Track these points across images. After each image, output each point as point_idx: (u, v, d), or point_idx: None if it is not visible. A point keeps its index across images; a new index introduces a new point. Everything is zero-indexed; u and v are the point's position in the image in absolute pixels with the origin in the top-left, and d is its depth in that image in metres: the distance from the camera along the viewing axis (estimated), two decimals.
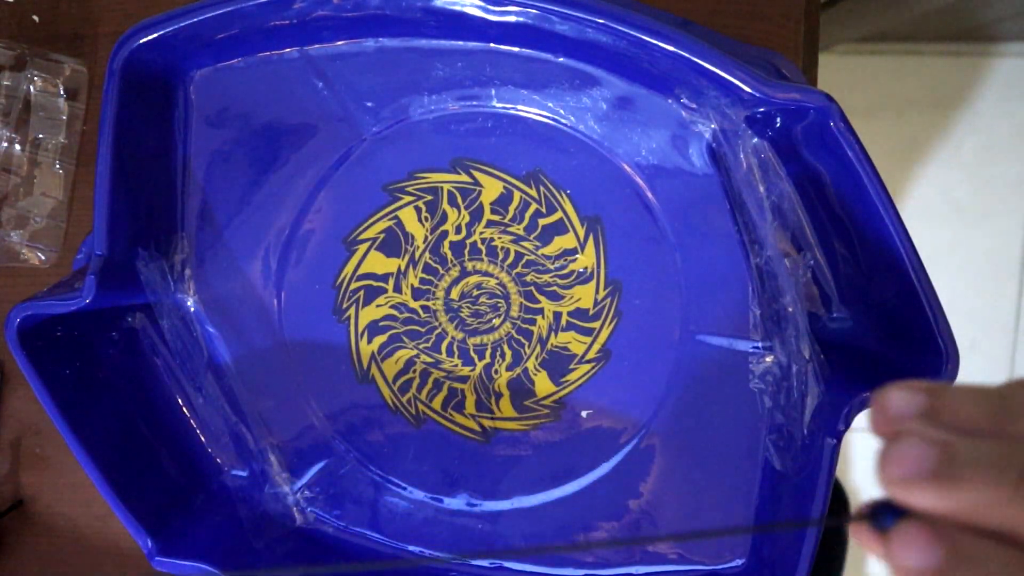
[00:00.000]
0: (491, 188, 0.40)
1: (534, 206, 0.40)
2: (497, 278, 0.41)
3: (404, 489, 0.42)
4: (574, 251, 0.40)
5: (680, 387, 0.40)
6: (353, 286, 0.41)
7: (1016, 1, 0.87)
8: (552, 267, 0.40)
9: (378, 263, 0.41)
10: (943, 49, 1.03)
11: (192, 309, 0.41)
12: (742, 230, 0.38)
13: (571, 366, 0.41)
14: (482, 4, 0.35)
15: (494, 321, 0.41)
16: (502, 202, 0.40)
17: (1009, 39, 1.02)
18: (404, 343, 0.41)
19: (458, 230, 0.41)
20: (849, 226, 0.35)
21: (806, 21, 0.41)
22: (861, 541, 0.19)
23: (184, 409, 0.42)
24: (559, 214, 0.40)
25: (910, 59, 1.04)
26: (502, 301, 0.41)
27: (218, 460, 0.42)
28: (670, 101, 0.38)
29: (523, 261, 0.40)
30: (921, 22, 0.94)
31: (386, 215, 0.41)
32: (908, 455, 0.17)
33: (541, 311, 0.41)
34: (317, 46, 0.39)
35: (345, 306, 0.41)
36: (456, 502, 0.41)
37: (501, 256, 0.40)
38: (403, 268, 0.41)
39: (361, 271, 0.41)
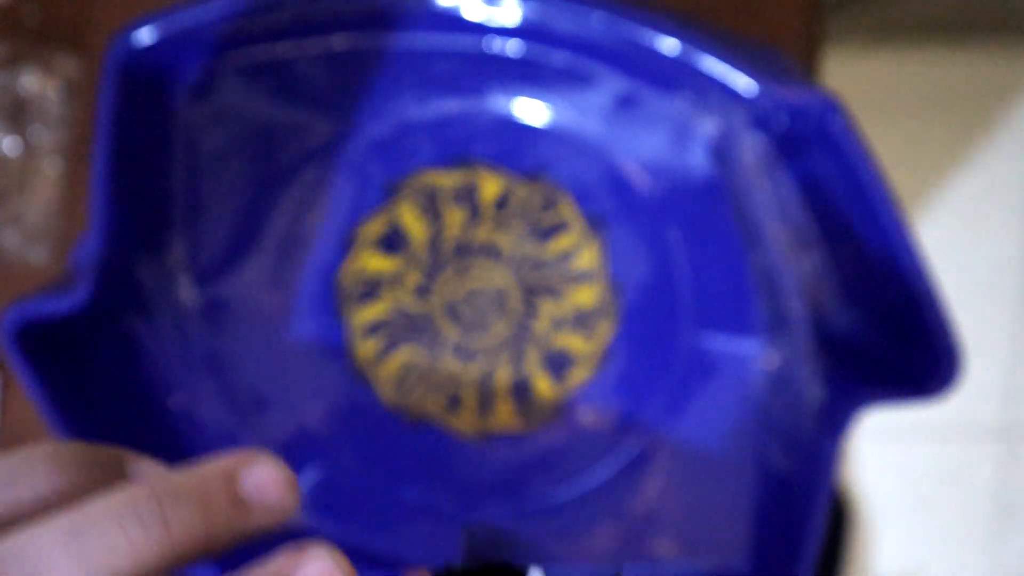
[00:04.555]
0: (491, 187, 0.40)
1: (534, 205, 0.40)
2: (497, 278, 0.40)
3: (402, 491, 0.42)
4: (574, 251, 0.40)
5: (680, 387, 0.40)
6: (352, 286, 0.41)
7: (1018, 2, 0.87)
8: (552, 267, 0.40)
9: (377, 262, 0.41)
10: (946, 48, 1.03)
11: (190, 309, 0.41)
12: (743, 230, 0.38)
13: (572, 366, 0.40)
14: (482, 3, 0.35)
15: (494, 321, 0.41)
16: (502, 201, 0.40)
17: (1013, 37, 1.02)
18: (403, 343, 0.41)
19: (458, 229, 0.40)
20: (852, 226, 0.35)
21: (809, 20, 0.41)
22: None
23: (182, 410, 0.42)
24: (559, 214, 0.40)
25: (913, 58, 1.04)
26: (502, 301, 0.41)
27: None
28: (672, 100, 0.38)
29: (523, 261, 0.40)
30: (924, 21, 0.94)
31: (385, 214, 0.41)
32: None
33: (541, 311, 0.40)
34: (317, 45, 0.39)
35: (343, 306, 0.41)
36: (455, 503, 0.41)
37: (501, 256, 0.40)
38: (402, 267, 0.41)
39: (360, 270, 0.41)
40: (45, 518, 0.16)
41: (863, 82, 1.05)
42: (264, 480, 0.18)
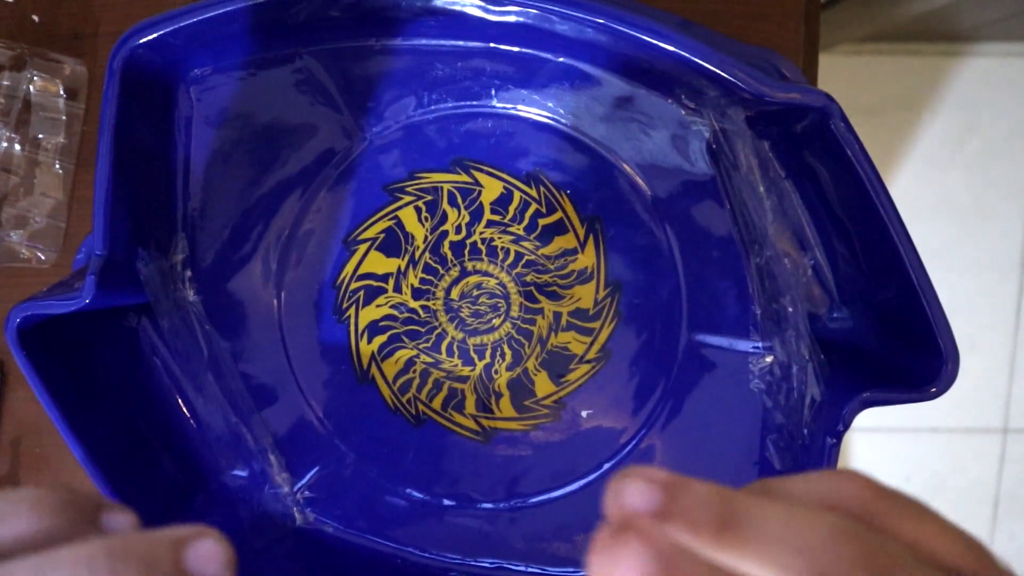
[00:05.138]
0: (491, 188, 0.40)
1: (534, 206, 0.40)
2: (497, 278, 0.41)
3: (404, 489, 0.42)
4: (574, 251, 0.40)
5: (680, 387, 0.40)
6: (353, 286, 0.41)
7: (1016, 1, 0.87)
8: (552, 267, 0.40)
9: (378, 263, 0.41)
10: (943, 49, 1.03)
11: (192, 309, 0.41)
12: (742, 230, 0.38)
13: (571, 366, 0.41)
14: (482, 4, 0.35)
15: (494, 321, 0.41)
16: (502, 202, 0.40)
17: (1010, 39, 1.02)
18: (404, 343, 0.41)
19: (458, 230, 0.41)
20: (849, 226, 0.35)
21: (806, 21, 0.41)
22: None
23: (184, 409, 0.42)
24: (559, 214, 0.40)
25: (910, 59, 1.04)
26: (502, 301, 0.41)
27: (218, 460, 0.42)
28: (670, 101, 0.38)
29: (523, 261, 0.40)
30: (921, 22, 0.94)
31: (386, 215, 0.41)
32: (630, 565, 0.17)
33: (541, 311, 0.41)
34: (317, 46, 0.39)
35: (345, 306, 0.41)
36: (456, 502, 0.41)
37: (501, 256, 0.40)
38: (403, 268, 0.41)
39: (361, 271, 0.41)
40: (15, 559, 0.18)
41: (859, 84, 1.05)
42: (207, 555, 0.20)
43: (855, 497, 0.19)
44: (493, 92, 0.39)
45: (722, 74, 0.33)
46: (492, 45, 0.38)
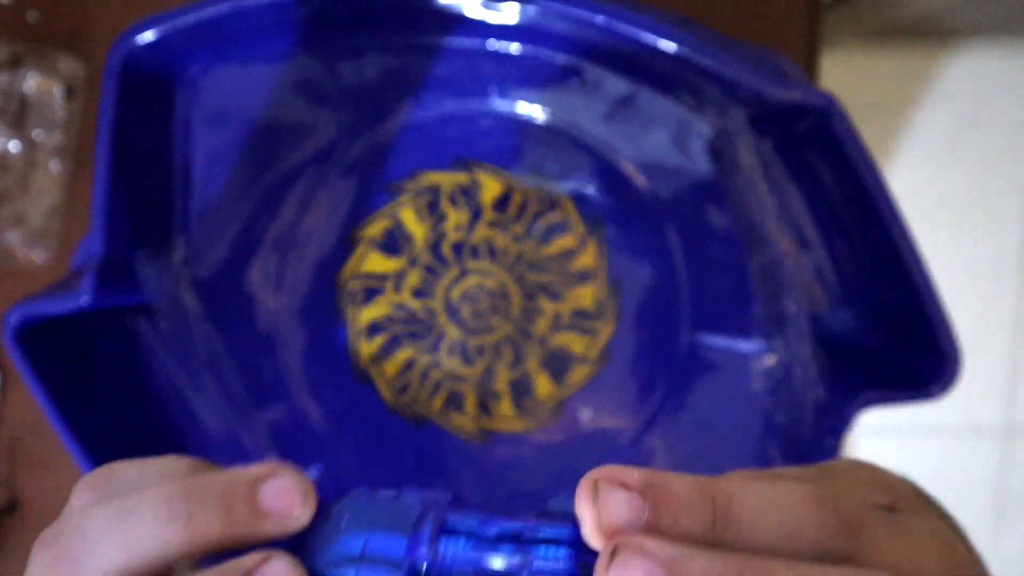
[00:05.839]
0: (491, 187, 0.40)
1: (534, 206, 0.40)
2: (497, 278, 0.41)
3: (403, 490, 0.42)
4: (574, 251, 0.40)
5: (681, 387, 0.40)
6: (352, 286, 0.41)
7: (1018, 1, 0.87)
8: (552, 267, 0.40)
9: (378, 262, 0.41)
10: (943, 46, 1.03)
11: (191, 309, 0.41)
12: (743, 229, 0.38)
13: (571, 366, 0.40)
14: (482, 3, 0.35)
15: (494, 321, 0.41)
16: (502, 202, 0.40)
17: (1010, 36, 1.02)
18: (403, 343, 0.41)
19: (458, 229, 0.40)
20: (851, 225, 0.35)
21: (807, 20, 0.41)
22: None
23: (183, 409, 0.42)
24: (559, 214, 0.40)
25: (910, 57, 1.04)
26: (502, 301, 0.41)
27: (217, 460, 0.42)
28: (671, 100, 0.38)
29: (523, 261, 0.40)
30: (923, 21, 0.94)
31: (386, 214, 0.41)
32: None
33: (541, 311, 0.40)
34: (317, 45, 0.39)
35: (344, 306, 0.41)
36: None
37: (501, 256, 0.40)
38: (403, 268, 0.41)
39: (360, 271, 0.41)
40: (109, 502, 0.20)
41: (860, 82, 1.05)
42: (282, 490, 0.21)
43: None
44: (493, 92, 0.39)
45: (723, 73, 0.33)
46: (492, 44, 0.38)
